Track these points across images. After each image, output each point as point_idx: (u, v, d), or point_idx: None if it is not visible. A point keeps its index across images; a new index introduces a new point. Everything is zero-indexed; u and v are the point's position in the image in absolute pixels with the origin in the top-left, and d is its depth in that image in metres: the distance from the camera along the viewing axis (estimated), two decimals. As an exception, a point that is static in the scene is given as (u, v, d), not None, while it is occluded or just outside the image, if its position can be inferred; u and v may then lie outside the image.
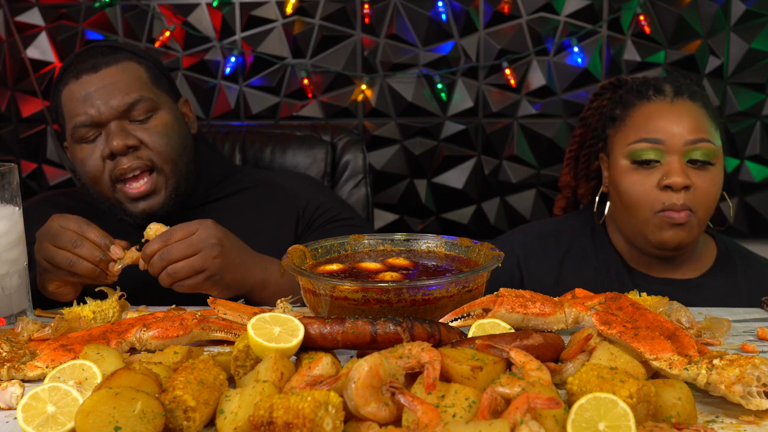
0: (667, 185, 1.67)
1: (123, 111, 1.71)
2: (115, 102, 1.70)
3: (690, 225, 1.69)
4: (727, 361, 0.95)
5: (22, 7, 3.10)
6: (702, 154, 1.68)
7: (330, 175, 2.33)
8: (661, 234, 1.70)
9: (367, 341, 1.01)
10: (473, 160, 3.12)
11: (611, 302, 1.21)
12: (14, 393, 0.99)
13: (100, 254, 1.42)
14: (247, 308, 1.24)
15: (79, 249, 1.41)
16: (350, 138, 2.37)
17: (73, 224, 1.44)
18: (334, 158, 2.34)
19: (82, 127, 1.70)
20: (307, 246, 1.37)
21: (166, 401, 0.88)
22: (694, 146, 1.68)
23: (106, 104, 1.69)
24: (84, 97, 1.70)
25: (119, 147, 1.67)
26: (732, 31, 2.95)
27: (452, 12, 3.02)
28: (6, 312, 1.33)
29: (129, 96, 1.71)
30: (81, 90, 1.71)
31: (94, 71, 1.72)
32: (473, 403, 0.86)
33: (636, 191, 1.72)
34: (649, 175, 1.70)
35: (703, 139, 1.68)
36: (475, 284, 1.22)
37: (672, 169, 1.67)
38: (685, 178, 1.66)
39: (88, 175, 1.74)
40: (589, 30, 2.99)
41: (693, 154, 1.68)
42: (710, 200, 1.70)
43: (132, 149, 1.70)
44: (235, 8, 3.06)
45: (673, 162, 1.68)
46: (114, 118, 1.70)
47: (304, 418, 0.79)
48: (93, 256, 1.42)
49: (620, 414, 0.82)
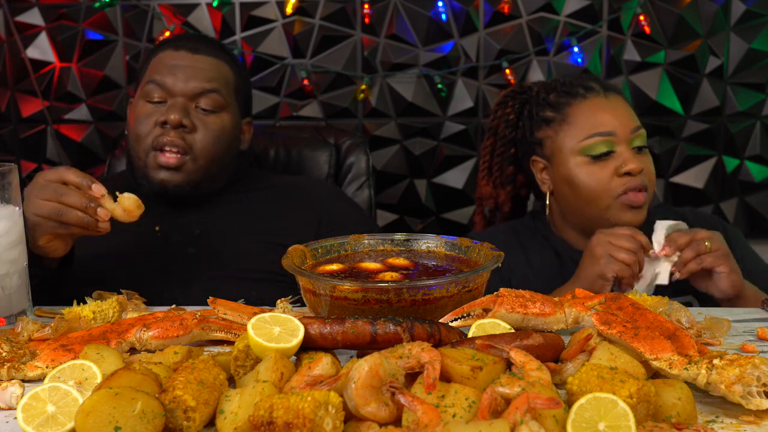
0: (627, 172, 1.79)
1: (194, 94, 1.84)
2: (193, 83, 1.84)
3: (645, 204, 1.83)
4: (727, 361, 0.95)
5: (22, 7, 3.10)
6: (642, 139, 1.84)
7: (333, 177, 2.34)
8: (622, 216, 1.81)
9: (367, 341, 1.01)
10: (473, 160, 3.12)
11: (611, 302, 1.21)
12: (14, 393, 0.99)
13: (85, 200, 1.43)
14: (247, 308, 1.24)
15: (65, 197, 1.43)
16: (354, 140, 2.39)
17: (54, 174, 1.46)
18: (338, 160, 2.36)
19: (155, 86, 1.84)
20: (307, 246, 1.37)
21: (166, 401, 0.88)
22: (636, 134, 1.83)
23: (185, 80, 1.83)
24: (172, 66, 1.85)
25: (175, 120, 1.79)
26: (732, 31, 2.95)
27: (452, 12, 3.02)
28: (6, 312, 1.33)
29: (207, 84, 1.85)
30: (173, 59, 1.86)
31: (192, 51, 1.88)
32: (473, 403, 0.86)
33: (595, 182, 1.82)
34: (604, 166, 1.82)
35: (640, 127, 1.85)
36: (475, 284, 1.22)
37: (626, 158, 1.80)
38: (639, 162, 1.80)
39: (135, 131, 1.84)
40: (589, 30, 2.99)
41: (636, 141, 1.83)
42: (654, 180, 1.87)
43: (183, 128, 1.81)
44: (235, 8, 3.06)
45: (624, 151, 1.81)
46: (184, 95, 1.83)
47: (304, 418, 0.79)
48: (79, 202, 1.43)
49: (620, 414, 0.82)
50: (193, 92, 1.83)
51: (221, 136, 1.87)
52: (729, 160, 3.05)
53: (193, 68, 1.85)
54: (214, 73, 1.88)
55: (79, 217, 1.43)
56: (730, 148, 3.04)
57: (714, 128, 3.03)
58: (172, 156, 1.80)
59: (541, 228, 1.99)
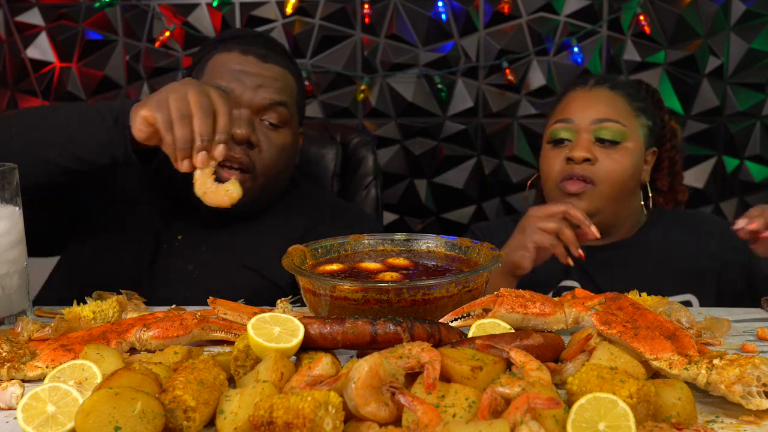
0: (569, 158, 1.82)
1: (262, 106, 1.70)
2: (264, 93, 1.69)
3: (589, 196, 1.81)
4: (727, 361, 0.95)
5: (22, 7, 3.10)
6: (609, 132, 1.82)
7: (339, 176, 2.27)
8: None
9: (367, 341, 1.01)
10: (473, 160, 3.12)
11: (611, 302, 1.21)
12: (14, 393, 0.99)
13: (208, 137, 1.35)
14: (247, 308, 1.24)
15: (199, 115, 1.35)
16: (361, 138, 2.31)
17: (222, 99, 1.38)
18: (344, 158, 2.28)
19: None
20: (307, 246, 1.37)
21: (166, 401, 0.88)
22: (600, 125, 1.83)
23: (254, 90, 1.69)
24: (239, 72, 1.69)
25: (242, 136, 1.65)
26: (732, 31, 2.95)
27: (452, 12, 3.02)
28: (6, 312, 1.33)
29: (276, 96, 1.71)
30: (241, 65, 1.70)
31: (262, 59, 1.72)
32: (473, 403, 0.86)
33: (546, 166, 1.89)
34: (560, 153, 1.86)
35: (610, 119, 1.83)
36: (475, 284, 1.22)
37: (576, 144, 1.83)
38: (585, 152, 1.80)
39: None
40: (589, 30, 2.99)
41: (600, 133, 1.82)
42: (615, 176, 1.82)
43: (248, 145, 1.67)
44: (235, 8, 3.06)
45: (582, 140, 1.83)
46: (250, 107, 1.69)
47: (304, 418, 0.79)
48: (203, 128, 1.35)
49: (620, 414, 0.82)
50: (261, 105, 1.69)
51: (282, 153, 1.74)
52: (729, 160, 3.05)
53: (263, 77, 1.70)
54: (282, 85, 1.73)
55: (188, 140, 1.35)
56: (730, 148, 3.04)
57: (714, 128, 3.03)
58: (233, 173, 1.64)
59: None
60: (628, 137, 1.84)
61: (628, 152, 1.84)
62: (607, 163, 1.81)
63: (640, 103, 1.91)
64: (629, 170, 1.84)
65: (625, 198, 1.88)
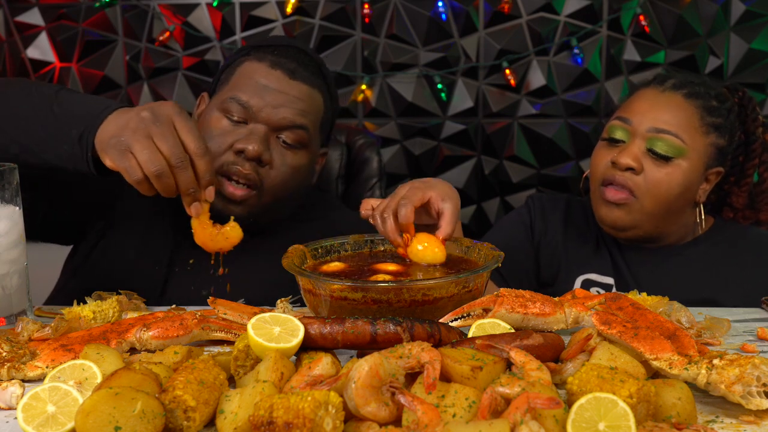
0: (614, 161, 1.68)
1: (281, 126, 1.63)
2: (284, 113, 1.62)
3: (629, 208, 1.68)
4: (727, 361, 0.95)
5: (22, 7, 3.10)
6: (663, 145, 1.65)
7: (344, 177, 2.25)
8: (599, 208, 1.74)
9: (367, 341, 1.01)
10: (473, 160, 3.12)
11: (611, 302, 1.21)
12: (14, 393, 0.99)
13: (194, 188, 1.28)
14: (247, 308, 1.24)
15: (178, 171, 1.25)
16: (366, 140, 2.29)
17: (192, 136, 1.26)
18: (349, 159, 2.26)
19: (238, 105, 1.61)
20: (307, 246, 1.37)
21: (166, 401, 0.88)
22: (657, 135, 1.66)
23: (274, 108, 1.61)
24: (264, 87, 1.62)
25: (254, 152, 1.58)
26: (732, 31, 2.95)
27: (452, 12, 3.02)
28: (6, 312, 1.33)
29: (298, 119, 1.63)
30: (267, 79, 1.63)
31: (290, 75, 1.64)
32: (473, 403, 0.86)
33: (595, 163, 1.75)
34: (610, 152, 1.71)
35: (669, 132, 1.66)
36: (475, 284, 1.22)
37: (626, 149, 1.67)
38: (632, 159, 1.66)
39: None
40: (589, 30, 3.00)
41: (653, 143, 1.66)
42: (660, 192, 1.66)
43: (259, 162, 1.61)
44: (235, 8, 3.06)
45: (632, 145, 1.68)
46: (267, 124, 1.62)
47: (304, 418, 0.79)
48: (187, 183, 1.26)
49: (620, 414, 0.82)
50: (279, 124, 1.62)
51: (295, 174, 1.66)
52: (729, 160, 3.05)
53: (286, 96, 1.62)
54: (305, 106, 1.65)
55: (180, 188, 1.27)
56: (730, 148, 3.04)
57: (714, 128, 3.02)
58: (240, 188, 1.59)
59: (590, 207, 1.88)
60: (685, 154, 1.66)
61: (680, 171, 1.67)
62: (654, 176, 1.66)
63: (716, 119, 1.72)
64: (676, 189, 1.67)
65: (672, 216, 1.72)
